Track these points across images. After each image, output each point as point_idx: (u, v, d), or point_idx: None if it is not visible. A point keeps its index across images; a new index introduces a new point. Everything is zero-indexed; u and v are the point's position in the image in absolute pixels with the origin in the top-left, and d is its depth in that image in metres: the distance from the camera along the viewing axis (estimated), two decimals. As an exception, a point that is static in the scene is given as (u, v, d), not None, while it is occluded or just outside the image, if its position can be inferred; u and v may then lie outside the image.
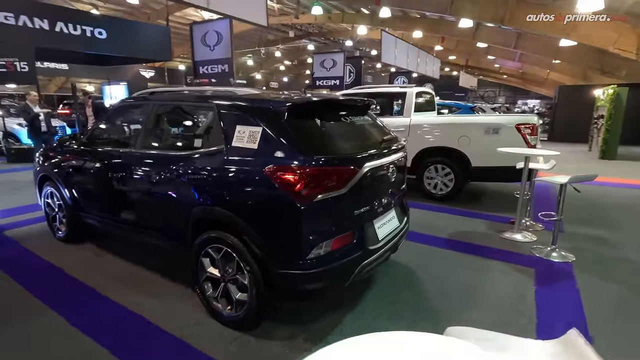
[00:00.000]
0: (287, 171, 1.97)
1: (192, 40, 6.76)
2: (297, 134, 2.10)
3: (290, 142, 2.05)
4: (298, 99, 2.24)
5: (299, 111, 2.18)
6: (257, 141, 2.14)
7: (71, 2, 17.28)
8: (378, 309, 2.57)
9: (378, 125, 2.82)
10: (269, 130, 2.12)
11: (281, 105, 2.14)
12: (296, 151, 2.01)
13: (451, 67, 33.24)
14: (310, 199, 1.96)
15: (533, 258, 3.42)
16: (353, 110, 2.57)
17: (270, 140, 2.10)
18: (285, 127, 2.09)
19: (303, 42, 26.45)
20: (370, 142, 2.51)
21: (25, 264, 3.27)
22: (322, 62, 9.16)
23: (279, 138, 2.08)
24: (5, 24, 9.93)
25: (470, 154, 4.94)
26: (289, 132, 2.08)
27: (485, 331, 1.24)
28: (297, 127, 2.13)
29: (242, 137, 2.21)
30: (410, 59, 16.66)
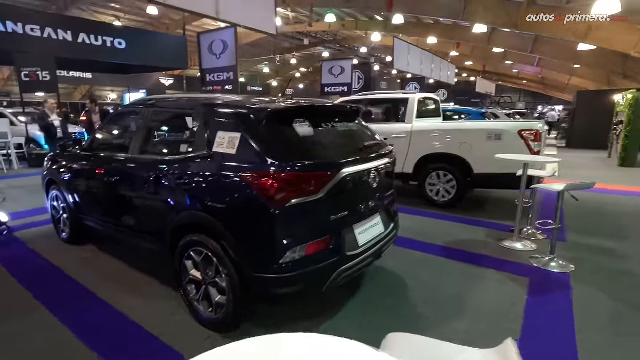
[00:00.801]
0: (260, 176, 2.01)
1: (199, 49, 6.96)
2: (273, 140, 2.13)
3: (265, 147, 2.09)
4: (275, 106, 2.28)
5: (276, 118, 2.22)
6: (235, 147, 2.19)
7: (95, 15, 18.07)
8: (360, 315, 2.55)
9: (363, 131, 2.83)
10: (246, 136, 2.16)
11: (258, 111, 2.19)
12: (271, 157, 2.05)
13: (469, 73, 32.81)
14: (283, 204, 1.98)
15: (530, 267, 3.32)
16: (336, 117, 2.59)
17: (247, 145, 2.15)
18: (261, 133, 2.13)
19: (318, 49, 26.70)
20: (351, 148, 2.52)
21: (28, 264, 3.42)
22: (330, 69, 9.23)
23: (255, 144, 2.12)
24: (31, 35, 10.50)
25: (472, 161, 4.86)
26: (264, 138, 2.12)
27: (425, 338, 1.23)
28: (274, 133, 2.17)
29: (222, 142, 2.26)
30: (424, 65, 16.55)
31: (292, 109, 2.34)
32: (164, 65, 14.41)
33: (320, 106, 2.55)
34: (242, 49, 26.64)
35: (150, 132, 2.88)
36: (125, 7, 17.98)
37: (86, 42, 11.79)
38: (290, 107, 2.34)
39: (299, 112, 2.35)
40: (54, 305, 2.67)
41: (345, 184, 2.24)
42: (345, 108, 2.69)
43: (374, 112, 6.13)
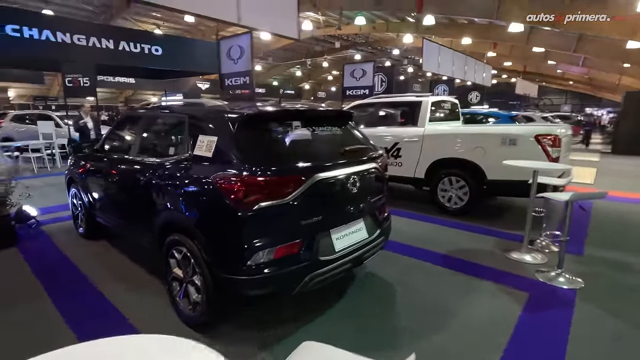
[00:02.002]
0: (229, 179, 2.06)
1: (219, 55, 7.20)
2: (246, 144, 2.18)
3: (236, 151, 2.14)
4: (250, 111, 2.33)
5: (252, 122, 2.26)
6: (212, 150, 2.26)
7: (138, 23, 19.25)
8: (342, 322, 2.53)
9: (349, 135, 2.81)
10: (221, 140, 2.23)
11: (233, 116, 2.24)
12: (241, 160, 2.09)
13: (508, 74, 31.33)
14: (250, 207, 2.02)
15: (533, 282, 3.12)
16: (319, 121, 2.59)
17: (221, 149, 2.21)
18: (234, 137, 2.18)
19: (350, 52, 26.67)
20: (330, 152, 2.51)
21: (45, 256, 3.71)
22: (352, 72, 9.20)
23: (228, 147, 2.18)
24: (78, 44, 11.39)
25: (485, 166, 4.64)
26: (237, 141, 2.17)
27: (340, 350, 1.21)
28: (248, 137, 2.22)
29: (202, 146, 2.34)
30: (457, 67, 16.02)
31: (267, 114, 2.37)
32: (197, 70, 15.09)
33: (299, 110, 2.56)
34: (275, 53, 27.27)
35: (145, 136, 3.04)
36: (164, 16, 19.01)
37: (126, 49, 12.62)
38: (265, 112, 2.38)
39: (276, 116, 2.38)
40: (56, 296, 2.88)
41: (319, 188, 2.24)
42: (330, 112, 2.69)
43: (386, 115, 6.03)
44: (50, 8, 15.98)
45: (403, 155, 5.41)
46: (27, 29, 10.46)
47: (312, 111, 2.62)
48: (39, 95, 24.33)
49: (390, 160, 5.54)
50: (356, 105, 6.40)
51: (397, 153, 5.46)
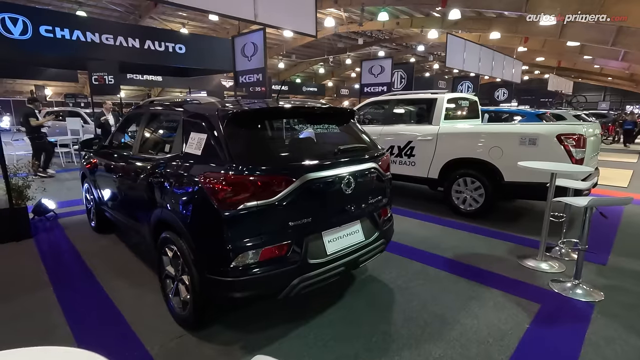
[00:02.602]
0: (213, 178, 2.01)
1: (233, 52, 7.22)
2: (234, 142, 2.12)
3: (224, 149, 2.09)
4: (239, 108, 2.27)
5: (241, 119, 2.20)
6: (201, 148, 2.22)
7: (165, 23, 19.77)
8: (333, 327, 2.44)
9: (347, 134, 2.70)
10: (210, 138, 2.19)
11: (222, 113, 2.19)
12: (227, 158, 2.04)
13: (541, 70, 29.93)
14: (233, 207, 1.96)
15: (547, 292, 2.90)
16: (312, 119, 2.50)
17: (209, 147, 2.17)
18: (222, 135, 2.13)
19: (373, 48, 26.29)
20: (322, 151, 2.41)
21: (56, 247, 3.84)
22: (370, 69, 8.99)
23: (215, 145, 2.13)
24: (106, 44, 11.80)
25: (502, 167, 4.39)
26: (225, 139, 2.11)
27: None
28: (236, 135, 2.16)
29: (192, 143, 2.31)
30: (483, 63, 15.41)
31: (257, 111, 2.31)
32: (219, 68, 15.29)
33: (291, 108, 2.47)
34: (297, 50, 27.28)
35: (145, 133, 3.06)
36: (190, 15, 19.42)
37: (151, 48, 12.94)
38: (255, 109, 2.31)
39: (266, 114, 2.31)
40: (59, 286, 2.96)
41: (309, 189, 2.15)
42: (326, 110, 2.59)
43: (400, 113, 5.84)
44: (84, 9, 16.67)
45: (416, 154, 5.22)
46: (59, 30, 10.95)
47: (306, 108, 2.53)
48: (70, 93, 25.52)
49: (403, 160, 5.37)
50: (369, 103, 6.25)
51: (411, 152, 5.28)
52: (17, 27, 10.52)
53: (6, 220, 3.89)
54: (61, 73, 20.71)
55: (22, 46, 10.47)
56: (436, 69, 32.29)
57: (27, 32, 10.57)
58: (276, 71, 31.74)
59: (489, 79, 22.55)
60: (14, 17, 10.53)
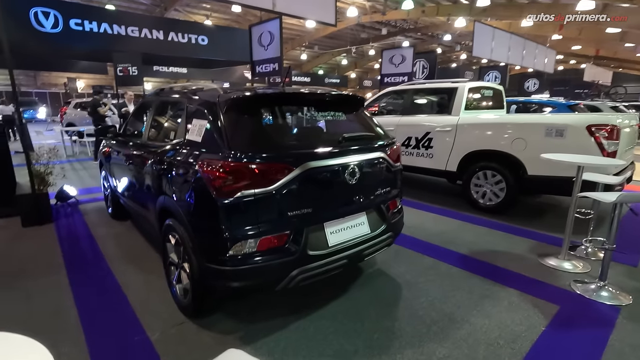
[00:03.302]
0: (210, 165, 1.97)
1: (250, 41, 7.18)
2: (234, 128, 2.07)
3: (222, 136, 2.04)
4: (240, 94, 2.21)
5: (241, 105, 2.14)
6: (202, 135, 2.19)
7: (189, 15, 20.03)
8: (335, 320, 2.37)
9: (354, 122, 2.59)
10: (210, 124, 2.14)
11: (222, 99, 2.14)
12: (225, 145, 1.99)
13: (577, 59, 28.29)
14: (231, 195, 1.91)
15: (568, 293, 2.71)
16: (317, 105, 2.41)
17: (209, 133, 2.13)
18: (221, 121, 2.08)
19: (397, 38, 25.65)
20: (326, 139, 2.32)
21: (74, 231, 3.96)
22: (390, 58, 8.73)
23: (215, 132, 2.09)
24: (131, 36, 12.09)
25: (525, 160, 4.14)
26: (223, 126, 2.07)
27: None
28: (237, 122, 2.10)
29: (194, 130, 2.28)
30: (513, 52, 14.70)
31: (260, 96, 2.24)
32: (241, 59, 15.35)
33: (295, 94, 2.39)
34: (320, 41, 27.01)
35: (153, 121, 3.07)
36: (214, 7, 19.57)
37: (174, 40, 13.19)
38: (257, 95, 2.24)
39: (268, 100, 2.24)
40: (72, 269, 3.05)
41: (310, 178, 2.08)
42: (333, 96, 2.48)
43: (419, 102, 5.63)
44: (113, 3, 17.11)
45: (434, 145, 5.03)
46: (87, 23, 11.30)
47: (311, 95, 2.44)
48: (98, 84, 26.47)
49: (420, 151, 5.18)
50: (387, 93, 6.06)
51: (429, 143, 5.09)
52: (48, 20, 10.92)
53: (29, 205, 4.04)
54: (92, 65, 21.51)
55: (53, 39, 10.88)
56: (463, 60, 31.17)
57: (58, 25, 10.96)
58: (299, 62, 31.63)
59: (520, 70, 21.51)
60: (46, 11, 10.92)
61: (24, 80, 28.35)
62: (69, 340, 2.15)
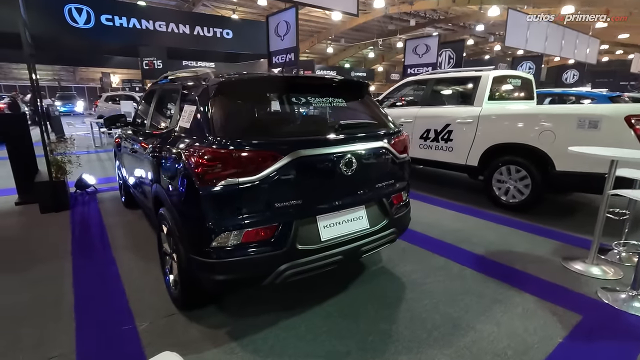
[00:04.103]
0: (194, 152, 1.87)
1: (267, 32, 7.09)
2: (220, 114, 1.96)
3: (208, 121, 1.94)
4: (230, 78, 2.09)
5: (229, 90, 2.04)
6: (190, 121, 2.10)
7: (216, 9, 20.28)
8: (329, 320, 2.23)
9: (354, 109, 2.42)
10: (198, 110, 2.05)
11: (211, 83, 2.04)
12: (210, 132, 1.89)
13: (625, 49, 26.27)
14: (213, 183, 1.81)
15: (593, 302, 2.43)
16: (314, 91, 2.25)
17: (197, 120, 2.03)
18: (209, 106, 1.98)
19: (427, 30, 24.83)
20: (321, 126, 2.17)
21: (87, 219, 4.05)
22: (414, 48, 8.36)
23: (202, 117, 1.99)
24: (158, 31, 12.37)
25: (554, 154, 3.80)
26: (211, 111, 1.96)
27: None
28: (225, 107, 2.00)
29: (184, 116, 2.20)
30: (550, 41, 13.82)
31: (248, 82, 2.12)
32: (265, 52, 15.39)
33: (288, 79, 2.25)
34: (346, 34, 26.63)
35: (155, 109, 3.03)
36: (240, 1, 19.71)
37: (200, 33, 13.39)
38: (246, 80, 2.12)
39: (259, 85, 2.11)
40: (78, 256, 3.09)
41: (300, 167, 1.94)
42: (331, 81, 2.32)
43: (439, 93, 5.32)
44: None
45: (454, 138, 4.74)
46: (117, 18, 11.66)
47: (308, 79, 2.29)
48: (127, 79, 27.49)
49: (440, 144, 4.91)
50: (406, 83, 5.79)
51: (448, 136, 4.80)
52: (81, 16, 11.34)
53: (47, 193, 4.17)
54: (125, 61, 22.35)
55: (86, 35, 11.30)
56: (497, 51, 29.75)
57: (90, 21, 11.36)
58: (325, 56, 31.39)
59: (559, 61, 20.21)
60: (79, 7, 11.33)
61: (64, 75, 29.96)
62: (59, 327, 2.14)
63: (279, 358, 1.91)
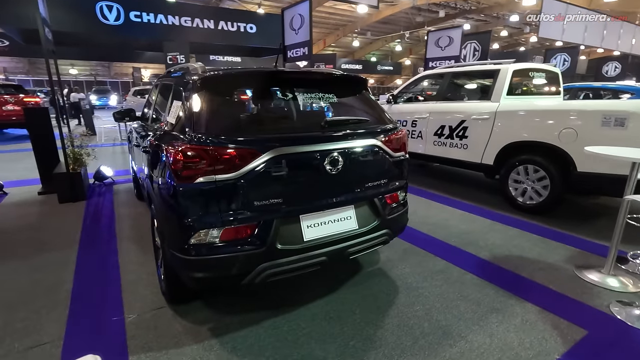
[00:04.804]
0: (172, 148, 1.86)
1: (282, 26, 7.04)
2: (201, 109, 1.94)
3: (190, 117, 1.92)
4: (215, 73, 2.06)
5: (216, 85, 2.01)
6: (175, 116, 2.10)
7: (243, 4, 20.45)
8: (313, 321, 2.18)
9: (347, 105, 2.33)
10: (182, 105, 2.04)
11: (196, 78, 2.01)
12: (190, 127, 1.87)
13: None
14: (190, 180, 1.79)
15: (603, 316, 2.23)
16: (304, 87, 2.18)
17: (181, 115, 2.03)
18: (192, 102, 1.96)
19: (457, 21, 23.90)
20: (305, 123, 2.10)
21: (100, 209, 4.20)
22: (437, 41, 8.03)
23: (185, 113, 1.98)
24: (184, 26, 12.64)
25: (575, 154, 3.53)
26: (193, 106, 1.94)
27: None
28: (207, 102, 1.97)
29: (172, 112, 2.20)
30: (590, 32, 12.89)
31: (231, 77, 2.08)
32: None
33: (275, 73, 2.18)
34: (373, 27, 26.14)
35: (155, 104, 3.07)
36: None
37: (224, 28, 13.56)
38: (229, 75, 2.08)
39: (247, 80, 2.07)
40: (83, 245, 3.21)
41: (280, 165, 1.89)
42: (321, 76, 2.24)
43: (456, 87, 5.08)
44: (172, -5, 17.95)
45: (469, 135, 4.52)
46: (145, 14, 12.01)
47: (297, 74, 2.22)
48: (155, 73, 28.39)
49: (454, 142, 4.70)
50: (420, 78, 5.57)
51: (463, 133, 4.58)
52: (112, 13, 11.76)
53: (64, 183, 4.36)
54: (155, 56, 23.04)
55: (116, 31, 11.73)
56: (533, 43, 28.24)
57: (119, 18, 11.77)
58: (350, 50, 31.01)
59: (603, 53, 18.89)
60: (110, 4, 11.74)
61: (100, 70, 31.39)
62: (52, 315, 2.22)
63: (255, 358, 1.89)
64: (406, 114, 5.39)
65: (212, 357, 1.89)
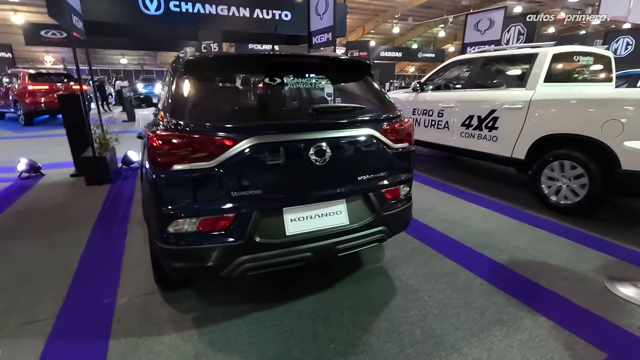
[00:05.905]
0: (150, 134, 1.82)
1: (308, 11, 6.85)
2: (182, 95, 1.88)
3: (169, 102, 1.87)
4: (200, 56, 1.97)
5: (200, 70, 1.93)
6: (163, 101, 2.05)
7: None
8: (297, 319, 2.09)
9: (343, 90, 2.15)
10: (167, 91, 1.99)
11: (181, 62, 1.95)
12: (169, 113, 1.82)
13: None
14: (165, 168, 1.74)
15: (630, 338, 1.93)
16: (292, 72, 2.04)
17: (165, 100, 1.98)
18: (175, 87, 1.90)
19: (509, 3, 22.16)
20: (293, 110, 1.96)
21: (122, 193, 4.36)
22: (476, 24, 7.42)
23: (168, 98, 1.93)
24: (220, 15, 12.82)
25: (620, 150, 3.09)
26: (175, 92, 1.89)
27: None
28: (189, 87, 1.90)
29: (161, 97, 2.16)
30: (663, 10, 11.34)
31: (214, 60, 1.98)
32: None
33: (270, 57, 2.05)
34: (414, 12, 25.00)
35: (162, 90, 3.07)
36: (303, -19, 19.47)
37: (259, 16, 13.57)
38: (212, 58, 1.99)
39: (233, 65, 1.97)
40: (97, 226, 3.34)
41: (260, 154, 1.78)
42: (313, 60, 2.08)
43: (488, 74, 4.66)
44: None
45: (500, 126, 4.13)
46: (184, 4, 12.31)
47: (286, 57, 2.08)
48: None
49: (483, 133, 4.34)
50: (451, 63, 5.18)
51: (493, 124, 4.21)
52: (153, 4, 12.18)
53: (90, 167, 4.58)
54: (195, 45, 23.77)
55: (157, 21, 12.14)
56: (595, 25, 25.58)
57: (160, 8, 12.15)
58: (390, 37, 30.00)
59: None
60: (151, -5, 12.14)
61: (147, 60, 32.96)
62: (52, 293, 2.31)
63: (230, 353, 1.83)
64: (433, 102, 5.05)
65: (189, 348, 1.86)
